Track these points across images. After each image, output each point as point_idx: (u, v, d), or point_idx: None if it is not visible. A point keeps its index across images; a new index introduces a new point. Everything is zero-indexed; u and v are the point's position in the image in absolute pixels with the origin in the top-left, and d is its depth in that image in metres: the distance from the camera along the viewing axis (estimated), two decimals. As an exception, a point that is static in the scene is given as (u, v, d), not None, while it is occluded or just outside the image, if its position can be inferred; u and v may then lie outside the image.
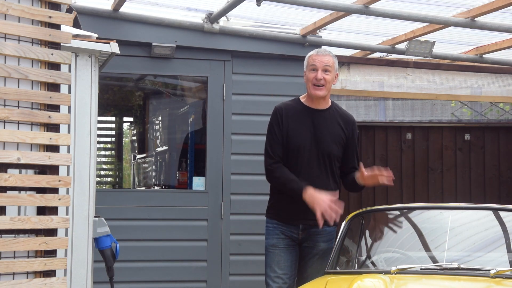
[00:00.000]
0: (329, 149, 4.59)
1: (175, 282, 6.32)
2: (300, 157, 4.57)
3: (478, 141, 8.23)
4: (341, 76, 7.49)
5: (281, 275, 4.60)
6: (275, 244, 4.63)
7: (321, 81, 4.56)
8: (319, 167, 4.57)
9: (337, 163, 4.65)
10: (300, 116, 4.63)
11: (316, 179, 4.55)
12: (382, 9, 5.86)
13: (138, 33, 6.23)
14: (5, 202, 3.73)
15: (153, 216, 6.30)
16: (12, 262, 3.73)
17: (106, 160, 11.15)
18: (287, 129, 4.60)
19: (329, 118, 4.65)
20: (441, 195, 8.10)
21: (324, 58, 4.59)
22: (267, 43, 6.51)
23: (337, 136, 4.63)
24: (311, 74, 4.60)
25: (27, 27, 3.83)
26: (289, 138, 4.59)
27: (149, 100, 8.86)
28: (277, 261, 4.62)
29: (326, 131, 4.61)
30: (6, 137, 3.74)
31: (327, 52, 4.64)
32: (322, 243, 4.60)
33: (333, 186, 4.62)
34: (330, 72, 4.60)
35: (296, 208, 4.54)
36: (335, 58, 4.67)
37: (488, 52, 7.26)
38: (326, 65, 4.58)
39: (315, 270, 4.58)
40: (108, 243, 4.56)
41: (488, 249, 4.19)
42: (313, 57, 4.63)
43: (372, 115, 10.06)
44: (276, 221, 4.65)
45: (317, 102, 4.65)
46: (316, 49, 4.71)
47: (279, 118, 4.63)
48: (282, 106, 4.71)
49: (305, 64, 4.68)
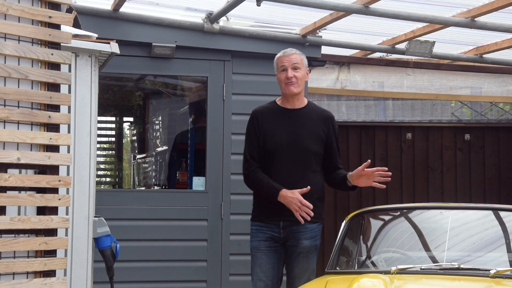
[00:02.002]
0: (308, 146, 4.62)
1: (175, 282, 6.32)
2: (279, 157, 4.61)
3: (478, 141, 8.24)
4: (341, 76, 7.50)
5: (262, 277, 4.64)
6: (257, 247, 4.67)
7: (292, 78, 4.63)
8: (299, 165, 4.60)
9: (318, 160, 4.67)
10: (276, 117, 4.69)
11: (297, 177, 4.58)
12: (382, 9, 5.86)
13: (138, 33, 6.23)
14: (5, 202, 3.73)
15: (153, 216, 6.30)
16: (12, 262, 3.73)
17: (106, 160, 11.15)
18: (264, 131, 4.66)
19: (306, 116, 4.69)
20: (441, 195, 8.11)
21: (291, 57, 4.67)
22: (267, 43, 6.51)
23: (316, 133, 4.66)
24: (282, 75, 4.67)
25: (27, 27, 3.83)
26: (267, 139, 4.64)
27: (149, 100, 8.86)
28: (259, 264, 4.66)
29: (304, 129, 4.64)
30: (6, 137, 3.74)
31: (293, 51, 4.71)
32: (304, 240, 4.58)
33: (315, 184, 4.63)
34: (300, 69, 4.67)
35: (275, 206, 4.57)
36: (303, 55, 4.74)
37: (488, 52, 7.26)
38: (294, 63, 4.66)
39: (302, 269, 4.58)
40: (108, 243, 4.56)
41: (488, 249, 4.19)
42: (281, 58, 4.70)
43: (372, 115, 10.06)
44: (258, 222, 4.69)
45: (293, 101, 4.70)
46: (282, 50, 4.76)
47: (255, 122, 4.71)
48: (258, 109, 4.79)
49: (275, 66, 4.76)
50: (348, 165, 7.97)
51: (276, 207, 4.57)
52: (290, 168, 4.59)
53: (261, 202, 4.70)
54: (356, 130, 8.18)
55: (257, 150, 4.67)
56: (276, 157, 4.61)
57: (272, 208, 4.59)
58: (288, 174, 4.58)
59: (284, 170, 4.60)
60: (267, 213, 4.64)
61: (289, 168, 4.59)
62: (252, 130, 4.72)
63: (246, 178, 4.72)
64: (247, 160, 4.69)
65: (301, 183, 4.55)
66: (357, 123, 8.75)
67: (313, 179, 4.63)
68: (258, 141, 4.66)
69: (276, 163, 4.61)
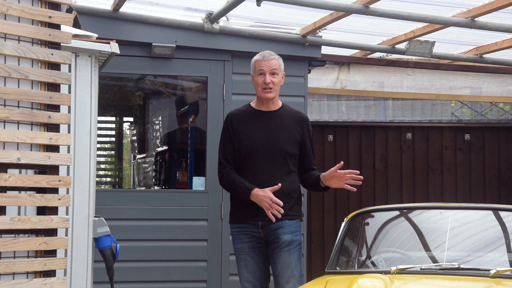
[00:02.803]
0: (283, 147, 4.66)
1: (175, 282, 6.32)
2: (255, 159, 4.65)
3: (478, 141, 8.24)
4: (341, 76, 7.50)
5: (250, 278, 4.67)
6: (241, 249, 4.70)
7: (270, 84, 4.68)
8: (275, 167, 4.64)
9: (294, 161, 4.71)
10: (251, 119, 4.73)
11: (273, 178, 4.61)
12: (382, 9, 5.86)
13: (138, 33, 6.23)
14: (5, 202, 3.73)
15: (153, 216, 6.30)
16: (12, 262, 3.73)
17: (106, 160, 11.15)
18: (238, 133, 4.70)
19: (280, 118, 4.73)
20: (441, 195, 8.11)
21: (270, 62, 4.70)
22: (267, 43, 6.51)
23: (291, 134, 4.70)
24: (259, 79, 4.70)
25: (27, 27, 3.83)
26: (242, 141, 4.68)
27: (149, 100, 8.86)
28: (244, 265, 4.69)
29: (279, 130, 4.69)
30: (6, 137, 3.74)
31: (272, 55, 4.74)
32: (284, 235, 4.60)
33: (292, 183, 4.67)
34: (277, 74, 4.71)
35: (251, 206, 4.60)
36: (280, 60, 4.78)
37: (488, 52, 7.26)
38: (273, 68, 4.69)
39: (284, 265, 4.59)
40: (108, 243, 4.56)
41: (488, 249, 4.19)
42: (260, 62, 4.72)
43: (372, 115, 10.05)
44: (237, 224, 4.72)
45: (267, 104, 4.75)
46: (261, 53, 4.77)
47: (229, 125, 4.75)
48: (233, 112, 4.84)
49: (252, 68, 4.78)
50: (348, 164, 7.98)
51: (253, 208, 4.60)
52: (266, 169, 4.64)
53: (238, 204, 4.73)
54: (356, 130, 8.18)
55: (231, 153, 4.72)
56: (252, 158, 4.66)
57: (249, 209, 4.62)
58: (264, 175, 4.62)
59: (261, 171, 4.63)
60: (245, 214, 4.68)
61: (266, 169, 4.63)
62: (226, 133, 4.76)
63: (220, 180, 4.81)
64: (221, 162, 4.76)
65: (277, 183, 4.58)
66: (357, 123, 8.75)
67: (289, 179, 4.66)
68: (233, 143, 4.71)
69: (252, 164, 4.66)
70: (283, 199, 4.58)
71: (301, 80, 6.71)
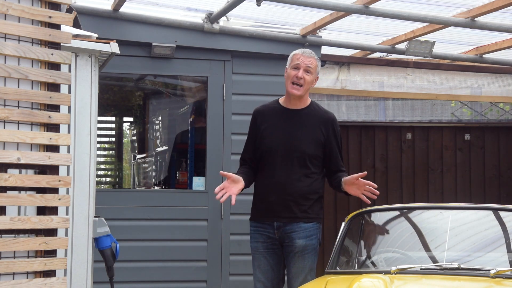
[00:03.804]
0: (302, 148, 4.59)
1: (175, 282, 6.32)
2: (273, 158, 4.61)
3: (478, 141, 8.24)
4: (341, 76, 7.50)
5: (261, 279, 4.65)
6: (256, 248, 4.68)
7: (301, 80, 4.60)
8: (293, 167, 4.58)
9: (315, 162, 4.63)
10: (275, 116, 4.69)
11: (289, 179, 4.57)
12: (382, 9, 5.86)
13: (138, 33, 6.23)
14: (5, 202, 3.73)
15: (153, 216, 6.30)
16: (12, 262, 3.73)
17: (106, 160, 11.15)
18: (261, 131, 4.67)
19: (305, 117, 4.66)
20: (441, 195, 8.10)
21: (308, 59, 4.64)
22: (267, 43, 6.51)
23: (313, 135, 4.63)
24: (292, 72, 4.63)
25: (27, 27, 3.83)
26: (262, 139, 4.66)
27: (149, 100, 8.86)
28: (257, 265, 4.67)
29: (301, 130, 4.62)
30: (6, 137, 3.74)
31: (312, 54, 4.68)
32: (298, 240, 4.56)
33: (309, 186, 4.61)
34: (311, 73, 4.64)
35: (267, 206, 4.60)
36: (319, 62, 4.72)
37: (488, 52, 7.26)
38: (308, 66, 4.62)
39: (298, 269, 4.57)
40: (108, 243, 4.56)
41: (488, 249, 4.19)
42: (298, 56, 4.66)
43: (372, 115, 10.05)
44: (255, 223, 4.70)
45: (294, 102, 4.69)
46: (302, 49, 4.72)
47: (254, 121, 4.74)
48: (260, 108, 4.80)
49: (288, 61, 4.71)
50: (348, 164, 7.98)
51: (269, 208, 4.58)
52: (283, 169, 4.58)
53: (256, 200, 4.72)
54: (356, 130, 8.18)
55: (251, 151, 4.70)
56: (270, 157, 4.61)
57: (266, 208, 4.61)
58: (281, 175, 4.57)
59: (278, 171, 4.59)
60: (261, 214, 4.66)
61: (283, 169, 4.58)
62: (250, 130, 4.76)
63: None
64: (241, 157, 4.77)
65: (293, 184, 4.55)
66: (357, 123, 8.74)
67: (307, 180, 4.60)
68: (255, 141, 4.68)
69: (270, 164, 4.62)
70: (299, 201, 4.54)
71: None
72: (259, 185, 4.68)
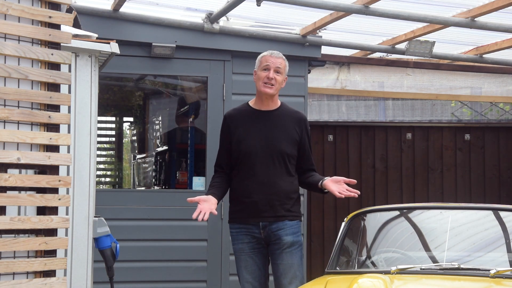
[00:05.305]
0: (282, 148, 4.62)
1: (175, 282, 6.32)
2: (253, 160, 4.61)
3: (478, 141, 8.24)
4: (341, 76, 7.50)
5: (249, 279, 4.65)
6: (241, 249, 4.67)
7: (272, 80, 4.64)
8: (274, 167, 4.61)
9: (292, 161, 4.67)
10: (249, 119, 4.69)
11: (272, 179, 4.59)
12: (382, 9, 5.86)
13: (138, 33, 6.23)
14: (5, 202, 3.73)
15: (153, 216, 6.30)
16: (12, 262, 3.73)
17: (106, 160, 11.15)
18: (236, 134, 4.67)
19: (278, 118, 4.70)
20: (441, 195, 8.11)
21: (277, 60, 4.67)
22: (267, 43, 6.51)
23: (289, 134, 4.67)
24: (263, 73, 4.66)
25: (27, 27, 3.83)
26: (239, 142, 4.65)
27: (149, 100, 8.86)
28: (244, 266, 4.67)
29: (277, 130, 4.65)
30: (6, 137, 3.74)
31: (280, 55, 4.72)
32: (286, 236, 4.58)
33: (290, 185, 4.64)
34: (281, 74, 4.68)
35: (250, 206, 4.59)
36: (287, 62, 4.75)
37: (488, 52, 7.26)
38: (278, 66, 4.66)
39: (287, 266, 4.57)
40: (108, 243, 4.56)
41: (488, 249, 4.19)
42: (267, 57, 4.70)
43: (372, 115, 10.05)
44: (238, 225, 4.68)
45: (266, 103, 4.71)
46: (270, 51, 4.75)
47: (225, 126, 4.73)
48: (230, 112, 4.80)
49: (257, 63, 4.74)
50: (348, 164, 7.99)
51: (253, 208, 4.59)
52: (265, 170, 4.59)
53: (238, 204, 4.70)
54: (356, 130, 8.18)
55: (226, 156, 4.70)
56: (250, 160, 4.61)
57: (250, 209, 4.60)
58: (263, 176, 4.58)
59: (260, 172, 4.59)
60: (245, 215, 4.65)
61: (264, 170, 4.59)
62: (222, 136, 4.75)
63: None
64: (215, 164, 4.77)
65: (276, 184, 4.57)
66: (357, 123, 8.75)
67: (288, 179, 4.64)
68: (230, 146, 4.68)
69: (251, 166, 4.61)
70: (283, 200, 4.57)
71: (301, 80, 6.71)
72: (238, 186, 4.68)
